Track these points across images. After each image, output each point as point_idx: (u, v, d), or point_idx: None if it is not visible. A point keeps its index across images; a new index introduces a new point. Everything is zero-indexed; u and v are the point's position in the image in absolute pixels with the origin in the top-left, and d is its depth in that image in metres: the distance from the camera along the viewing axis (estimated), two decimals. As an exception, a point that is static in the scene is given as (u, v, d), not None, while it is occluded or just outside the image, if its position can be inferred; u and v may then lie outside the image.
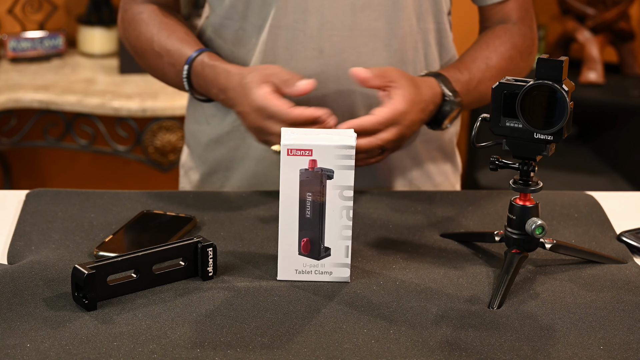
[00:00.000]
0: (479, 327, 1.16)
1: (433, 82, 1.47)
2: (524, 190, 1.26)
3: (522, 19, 1.57)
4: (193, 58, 1.51)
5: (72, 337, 1.11)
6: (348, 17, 1.49)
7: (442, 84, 1.47)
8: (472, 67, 1.52)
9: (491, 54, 1.54)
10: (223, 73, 1.47)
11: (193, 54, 1.51)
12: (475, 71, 1.52)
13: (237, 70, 1.46)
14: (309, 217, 1.24)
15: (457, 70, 1.51)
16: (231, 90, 1.45)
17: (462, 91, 1.49)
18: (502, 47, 1.54)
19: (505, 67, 1.54)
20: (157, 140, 2.87)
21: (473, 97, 1.53)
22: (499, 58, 1.54)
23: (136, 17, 1.57)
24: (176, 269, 1.24)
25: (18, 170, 3.29)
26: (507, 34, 1.56)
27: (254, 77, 1.42)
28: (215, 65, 1.49)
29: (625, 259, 1.35)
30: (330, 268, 1.25)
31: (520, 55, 1.56)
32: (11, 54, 3.04)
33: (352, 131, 1.25)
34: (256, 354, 1.09)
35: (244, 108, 1.42)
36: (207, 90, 1.51)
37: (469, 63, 1.53)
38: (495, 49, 1.54)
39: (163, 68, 1.55)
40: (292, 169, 1.22)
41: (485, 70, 1.52)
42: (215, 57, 1.51)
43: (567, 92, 1.19)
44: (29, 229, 1.38)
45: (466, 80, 1.50)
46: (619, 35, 3.22)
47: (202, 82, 1.51)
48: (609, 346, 1.13)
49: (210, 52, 1.52)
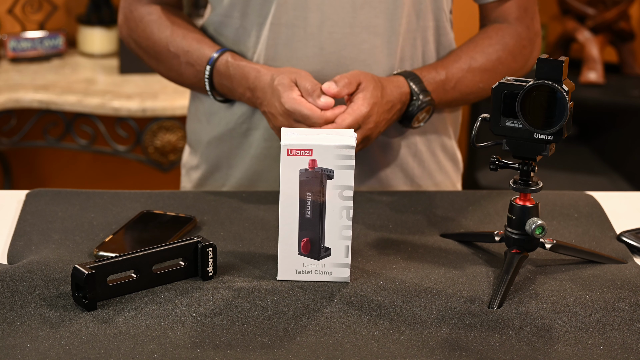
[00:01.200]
0: (479, 327, 1.16)
1: (401, 82, 1.48)
2: (524, 190, 1.26)
3: (520, 19, 1.57)
4: (216, 58, 1.51)
5: (72, 337, 1.11)
6: (348, 14, 1.49)
7: (411, 83, 1.48)
8: (453, 66, 1.53)
9: (477, 54, 1.54)
10: (253, 72, 1.48)
11: (215, 54, 1.52)
12: (456, 70, 1.52)
13: (267, 70, 1.47)
14: (309, 217, 1.24)
15: (433, 69, 1.52)
16: (260, 90, 1.46)
17: (435, 90, 1.50)
18: (490, 49, 1.55)
19: (492, 67, 1.54)
20: (157, 140, 2.87)
21: (451, 96, 1.54)
22: (485, 59, 1.54)
23: (145, 17, 1.57)
24: (176, 269, 1.24)
25: (18, 170, 3.29)
26: (499, 34, 1.56)
27: (284, 79, 1.43)
28: (242, 65, 1.50)
29: (625, 259, 1.35)
30: (330, 268, 1.25)
31: (513, 56, 1.56)
32: (11, 54, 3.04)
33: (352, 131, 1.25)
34: (256, 354, 1.09)
35: (272, 110, 1.44)
36: (231, 90, 1.52)
37: (450, 62, 1.53)
38: (482, 49, 1.54)
39: (180, 69, 1.55)
40: (292, 169, 1.22)
41: (467, 70, 1.53)
42: (238, 56, 1.52)
43: (567, 92, 1.19)
44: (29, 229, 1.38)
45: (442, 79, 1.51)
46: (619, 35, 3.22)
47: (227, 81, 1.51)
48: (609, 346, 1.13)
49: (232, 52, 1.53)
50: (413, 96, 1.48)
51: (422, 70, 1.52)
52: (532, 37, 1.58)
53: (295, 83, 1.43)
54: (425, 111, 1.50)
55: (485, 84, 1.55)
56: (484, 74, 1.54)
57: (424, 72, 1.51)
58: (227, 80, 1.51)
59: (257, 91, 1.47)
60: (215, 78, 1.52)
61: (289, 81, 1.43)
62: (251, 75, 1.48)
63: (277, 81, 1.44)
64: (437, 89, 1.51)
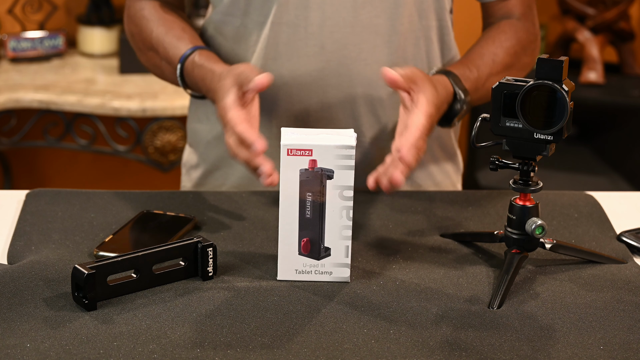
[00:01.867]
0: (479, 327, 1.16)
1: (446, 82, 1.46)
2: (524, 190, 1.26)
3: (525, 15, 1.57)
4: (186, 57, 1.50)
5: (72, 337, 1.11)
6: (349, 13, 1.49)
7: (453, 83, 1.47)
8: (480, 63, 1.52)
9: (497, 49, 1.54)
10: (209, 74, 1.45)
11: (186, 51, 1.50)
12: (484, 68, 1.52)
13: (219, 71, 1.43)
14: (309, 217, 1.24)
15: (466, 67, 1.51)
16: (213, 92, 1.43)
17: (471, 89, 1.49)
18: (507, 43, 1.54)
19: (511, 62, 1.54)
20: (157, 140, 2.87)
21: (481, 94, 1.53)
22: (505, 54, 1.54)
23: (137, 13, 1.57)
24: (176, 269, 1.24)
25: (18, 170, 3.29)
26: (512, 29, 1.56)
27: (226, 83, 1.37)
28: (202, 65, 1.47)
29: (625, 259, 1.35)
30: (330, 268, 1.25)
31: (524, 50, 1.56)
32: (11, 54, 3.04)
33: (352, 131, 1.25)
34: (256, 354, 1.09)
35: (219, 112, 1.37)
36: (199, 90, 1.51)
37: (477, 59, 1.53)
38: (501, 44, 1.54)
39: (160, 65, 1.55)
40: (292, 169, 1.22)
41: (492, 66, 1.53)
42: (205, 55, 1.49)
43: (567, 92, 1.19)
44: (29, 229, 1.38)
45: (475, 77, 1.50)
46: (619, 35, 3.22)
47: (193, 81, 1.50)
48: (609, 346, 1.13)
49: (202, 50, 1.50)
50: (456, 96, 1.47)
51: (455, 67, 1.50)
52: (537, 32, 1.59)
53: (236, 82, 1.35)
54: (464, 110, 1.48)
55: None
56: (505, 70, 1.53)
57: (458, 69, 1.49)
58: (193, 80, 1.50)
59: (210, 92, 1.44)
60: (186, 78, 1.51)
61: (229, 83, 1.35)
62: (207, 77, 1.45)
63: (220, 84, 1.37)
64: (471, 88, 1.49)
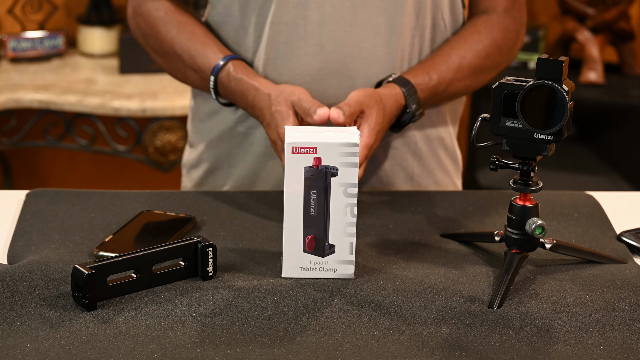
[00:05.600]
0: (479, 327, 1.16)
1: (399, 95, 1.47)
2: (524, 190, 1.26)
3: (508, 10, 1.57)
4: (219, 68, 1.50)
5: (72, 337, 1.11)
6: (349, 12, 1.49)
7: (407, 96, 1.48)
8: (444, 68, 1.52)
9: (467, 52, 1.54)
10: (251, 90, 1.47)
11: (220, 62, 1.50)
12: (446, 73, 1.53)
13: (266, 90, 1.45)
14: (313, 214, 1.24)
15: (426, 74, 1.51)
16: (258, 110, 1.46)
17: (427, 97, 1.51)
18: (479, 45, 1.55)
19: (480, 65, 1.55)
20: (157, 140, 2.87)
21: (439, 99, 1.56)
22: (474, 56, 1.54)
23: (152, 14, 1.56)
24: (176, 269, 1.24)
25: (18, 170, 3.29)
26: (488, 28, 1.56)
27: (282, 107, 1.41)
28: (241, 80, 1.48)
29: (625, 259, 1.35)
30: (334, 265, 1.26)
31: (499, 51, 1.57)
32: (11, 54, 3.04)
33: (355, 129, 1.25)
34: (256, 354, 1.09)
35: (271, 135, 1.43)
36: (235, 102, 1.52)
37: (441, 64, 1.53)
38: (471, 46, 1.54)
39: (185, 72, 1.55)
40: (296, 167, 1.22)
41: (456, 72, 1.53)
42: (241, 68, 1.50)
43: (567, 92, 1.19)
44: (29, 229, 1.38)
45: (434, 85, 1.52)
46: (619, 35, 3.22)
47: (230, 93, 1.51)
48: (609, 346, 1.13)
49: (236, 61, 1.51)
50: (407, 108, 1.49)
51: (415, 74, 1.51)
52: (518, 29, 1.59)
53: (292, 106, 1.42)
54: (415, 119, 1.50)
55: (473, 82, 1.56)
56: (472, 73, 1.54)
57: (417, 77, 1.50)
58: (229, 92, 1.51)
59: (256, 110, 1.47)
60: (220, 88, 1.52)
61: (286, 109, 1.41)
62: (250, 94, 1.47)
63: (274, 108, 1.42)
64: (428, 95, 1.52)
